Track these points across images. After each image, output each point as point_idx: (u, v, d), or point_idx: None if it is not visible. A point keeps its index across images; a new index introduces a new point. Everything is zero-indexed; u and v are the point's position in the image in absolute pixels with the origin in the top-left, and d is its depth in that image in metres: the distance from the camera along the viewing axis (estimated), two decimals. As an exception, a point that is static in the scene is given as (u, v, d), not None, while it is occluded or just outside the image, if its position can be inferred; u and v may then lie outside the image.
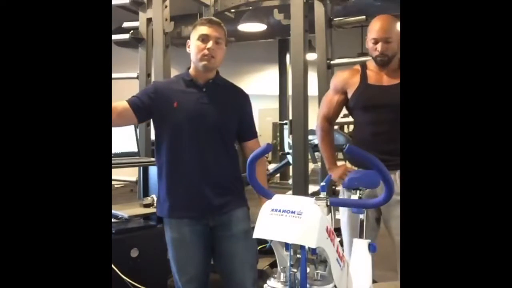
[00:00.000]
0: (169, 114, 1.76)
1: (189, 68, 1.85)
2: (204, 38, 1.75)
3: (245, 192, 1.90)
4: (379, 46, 1.96)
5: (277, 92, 8.81)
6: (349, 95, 2.09)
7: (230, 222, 1.79)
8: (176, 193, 1.78)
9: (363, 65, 2.11)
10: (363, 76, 2.06)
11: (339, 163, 2.19)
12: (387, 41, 1.95)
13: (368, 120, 2.03)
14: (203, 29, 1.76)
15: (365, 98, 2.03)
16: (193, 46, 1.78)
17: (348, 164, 2.13)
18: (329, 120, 2.17)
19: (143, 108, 1.78)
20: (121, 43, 4.51)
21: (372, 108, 2.00)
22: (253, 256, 1.86)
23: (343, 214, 2.08)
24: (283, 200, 1.13)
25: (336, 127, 3.32)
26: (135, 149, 2.76)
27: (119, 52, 5.22)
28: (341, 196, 2.11)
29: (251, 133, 1.92)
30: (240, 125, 1.86)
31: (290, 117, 3.25)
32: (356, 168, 2.04)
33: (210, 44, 1.74)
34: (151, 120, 1.86)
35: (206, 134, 1.76)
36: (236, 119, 1.85)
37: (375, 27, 1.99)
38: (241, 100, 1.91)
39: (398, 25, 1.97)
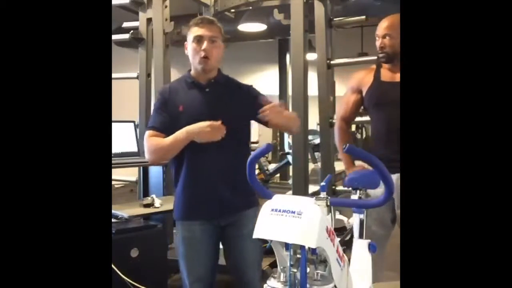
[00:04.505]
0: (176, 119, 1.76)
1: (190, 70, 1.85)
2: (198, 39, 1.75)
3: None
4: (378, 42, 2.00)
5: (277, 92, 8.79)
6: (364, 94, 2.10)
7: (242, 221, 1.80)
8: (190, 196, 1.80)
9: (379, 64, 2.13)
10: (377, 74, 2.08)
11: (338, 163, 2.20)
12: (385, 37, 1.99)
13: (382, 118, 2.03)
14: (197, 30, 1.75)
15: (378, 95, 2.04)
16: (190, 48, 1.79)
17: (365, 165, 2.12)
18: (346, 120, 2.19)
19: (169, 126, 1.77)
20: (121, 43, 4.50)
21: (385, 105, 2.00)
22: (260, 254, 1.91)
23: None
24: (283, 200, 1.13)
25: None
26: (135, 149, 2.77)
27: (119, 52, 5.22)
28: (353, 197, 2.05)
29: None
30: (255, 111, 1.76)
31: (290, 117, 3.24)
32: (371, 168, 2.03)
33: (205, 44, 1.74)
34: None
35: None
36: (246, 116, 1.83)
37: (379, 25, 2.04)
38: (247, 93, 1.87)
39: None
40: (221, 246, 1.90)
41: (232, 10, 3.59)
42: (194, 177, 1.78)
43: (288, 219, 1.06)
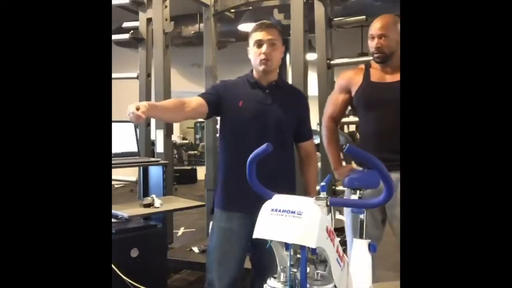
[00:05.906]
0: (234, 112, 1.89)
1: (252, 70, 1.96)
2: (259, 43, 1.87)
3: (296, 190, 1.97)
4: (373, 42, 1.99)
5: (277, 92, 8.79)
6: (353, 94, 2.11)
7: None
8: (233, 188, 1.88)
9: (367, 64, 2.13)
10: (366, 74, 2.08)
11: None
12: (381, 37, 1.98)
13: (371, 118, 2.03)
14: (257, 35, 1.87)
15: (368, 95, 2.04)
16: (251, 52, 1.91)
17: (354, 165, 2.13)
18: (334, 119, 2.18)
19: (215, 104, 1.90)
20: (121, 43, 4.51)
21: (374, 105, 2.01)
22: None
23: (347, 216, 2.07)
24: (283, 200, 1.13)
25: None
26: (135, 149, 2.76)
27: (119, 52, 5.22)
28: (345, 197, 2.09)
29: (307, 135, 2.03)
30: (298, 126, 1.97)
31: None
32: (361, 168, 2.04)
33: (264, 48, 1.85)
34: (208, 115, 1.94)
35: (267, 133, 1.84)
36: (294, 120, 1.96)
37: (373, 25, 2.03)
38: (301, 102, 2.04)
39: (398, 24, 2.00)
40: None
41: (232, 10, 3.59)
42: (238, 171, 1.83)
43: (288, 219, 1.06)
